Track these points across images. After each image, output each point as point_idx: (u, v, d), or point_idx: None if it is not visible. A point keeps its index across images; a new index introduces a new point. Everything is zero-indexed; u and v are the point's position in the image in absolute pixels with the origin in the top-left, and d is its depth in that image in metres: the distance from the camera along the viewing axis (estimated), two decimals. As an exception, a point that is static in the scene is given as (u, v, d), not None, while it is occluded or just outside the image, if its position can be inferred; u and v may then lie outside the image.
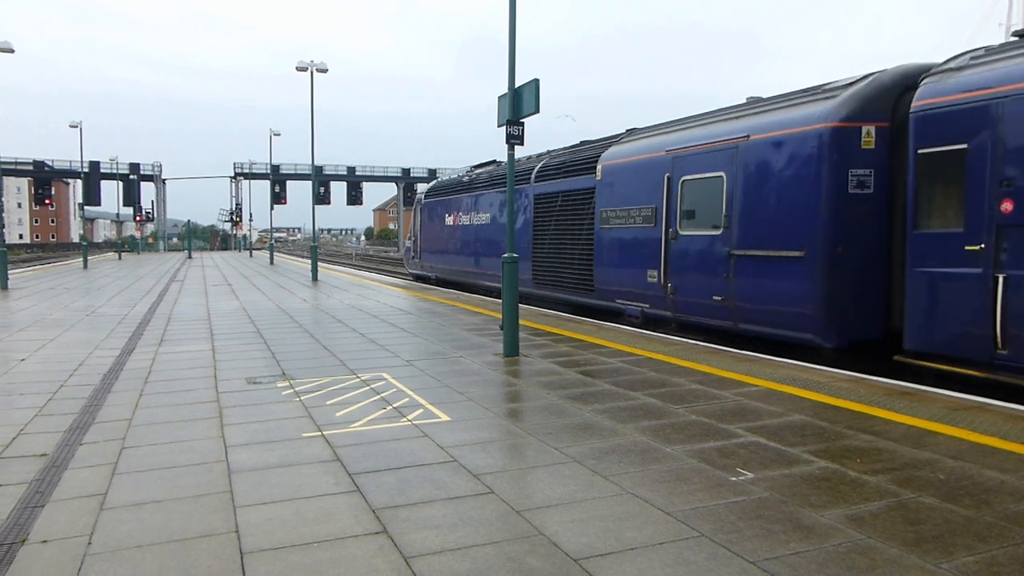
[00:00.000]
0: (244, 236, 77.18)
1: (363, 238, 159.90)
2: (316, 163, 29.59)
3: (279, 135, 48.07)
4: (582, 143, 16.87)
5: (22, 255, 75.32)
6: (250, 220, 66.85)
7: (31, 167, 70.43)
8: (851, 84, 9.60)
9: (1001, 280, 7.45)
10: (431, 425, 6.27)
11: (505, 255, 9.79)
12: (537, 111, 9.35)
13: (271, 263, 41.26)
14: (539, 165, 17.46)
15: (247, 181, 74.70)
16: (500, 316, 10.12)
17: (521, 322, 11.00)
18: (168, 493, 4.69)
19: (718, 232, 10.95)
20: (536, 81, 9.34)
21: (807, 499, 4.48)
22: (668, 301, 12.10)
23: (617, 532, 4.03)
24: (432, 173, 77.79)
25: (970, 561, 3.64)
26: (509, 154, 9.92)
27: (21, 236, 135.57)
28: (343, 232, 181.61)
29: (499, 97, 10.04)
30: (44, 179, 66.11)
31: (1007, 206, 7.44)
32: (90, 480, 4.95)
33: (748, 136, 10.55)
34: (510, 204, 10.12)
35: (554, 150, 18.31)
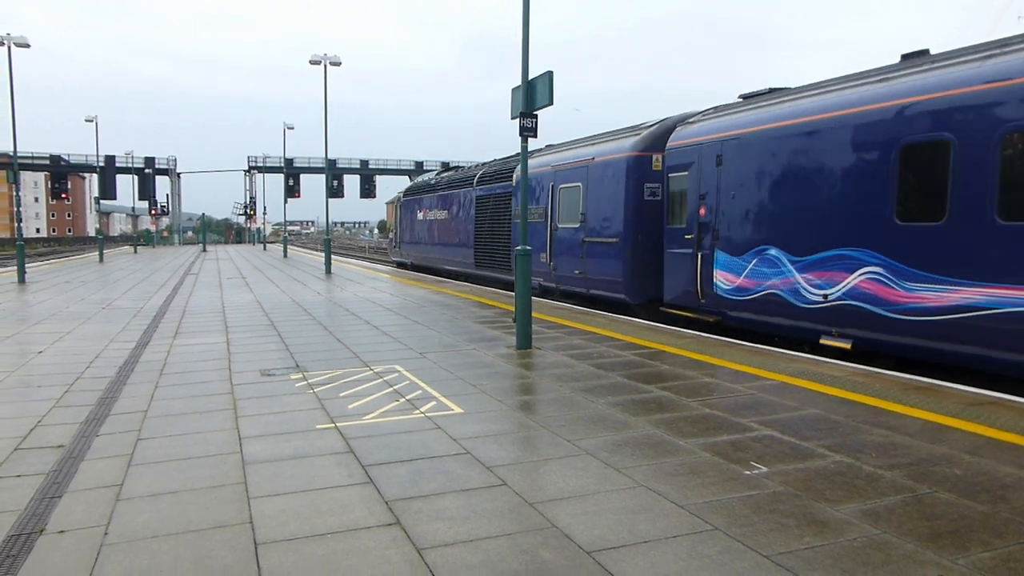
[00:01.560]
0: (258, 229, 77.56)
1: (376, 231, 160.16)
2: (329, 156, 29.66)
3: (292, 128, 48.15)
4: (517, 154, 19.84)
5: (39, 249, 76.02)
6: (264, 213, 67.12)
7: (48, 161, 70.90)
8: (651, 126, 13.95)
9: (699, 257, 11.91)
10: (444, 417, 6.28)
11: (518, 248, 9.77)
12: (551, 103, 9.28)
13: (285, 256, 41.44)
14: (479, 173, 22.16)
15: (261, 175, 74.94)
16: (513, 309, 10.11)
17: (534, 315, 11.00)
18: (183, 484, 4.73)
19: (578, 225, 15.39)
20: (550, 73, 9.27)
21: (822, 493, 4.45)
22: (552, 275, 16.75)
23: (630, 525, 4.03)
24: (445, 166, 77.71)
25: (986, 557, 3.61)
26: (523, 146, 9.86)
27: (38, 230, 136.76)
28: (356, 225, 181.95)
29: (513, 89, 9.99)
30: (60, 173, 66.66)
31: (703, 211, 11.85)
32: (106, 471, 5.00)
33: (593, 159, 15.06)
34: (524, 199, 10.09)
35: (492, 160, 22.77)
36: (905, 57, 9.27)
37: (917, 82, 8.58)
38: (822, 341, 9.56)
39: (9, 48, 23.01)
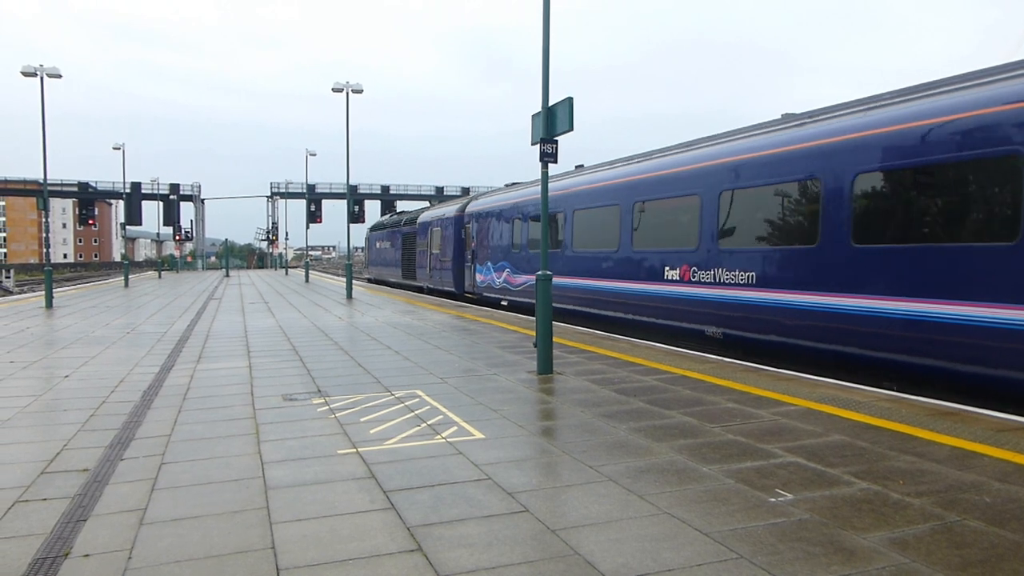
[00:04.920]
0: (280, 254, 78.26)
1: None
2: (351, 182, 30.01)
3: (315, 155, 48.82)
4: (421, 208, 36.84)
5: (66, 274, 77.20)
6: (286, 239, 67.81)
7: (76, 188, 72.16)
8: (469, 198, 27.63)
9: (472, 268, 24.61)
10: (465, 443, 6.27)
11: (539, 273, 9.77)
12: (571, 129, 9.31)
13: (306, 281, 41.76)
14: (404, 218, 36.33)
15: (283, 200, 75.78)
16: (533, 334, 10.10)
17: (555, 340, 10.98)
18: (206, 509, 4.75)
19: (439, 251, 28.00)
20: (570, 99, 9.32)
21: (848, 521, 4.39)
22: (431, 281, 29.08)
23: (654, 552, 3.99)
24: (465, 191, 78.11)
25: (1020, 587, 3.53)
26: (543, 172, 9.89)
27: (65, 255, 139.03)
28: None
29: (532, 116, 10.04)
30: (88, 200, 67.83)
31: (472, 245, 24.70)
32: (130, 495, 5.03)
33: (445, 214, 27.82)
34: (544, 225, 10.10)
35: (412, 210, 39.65)
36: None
37: (532, 191, 19.66)
38: (501, 303, 21.52)
39: (42, 79, 23.50)
